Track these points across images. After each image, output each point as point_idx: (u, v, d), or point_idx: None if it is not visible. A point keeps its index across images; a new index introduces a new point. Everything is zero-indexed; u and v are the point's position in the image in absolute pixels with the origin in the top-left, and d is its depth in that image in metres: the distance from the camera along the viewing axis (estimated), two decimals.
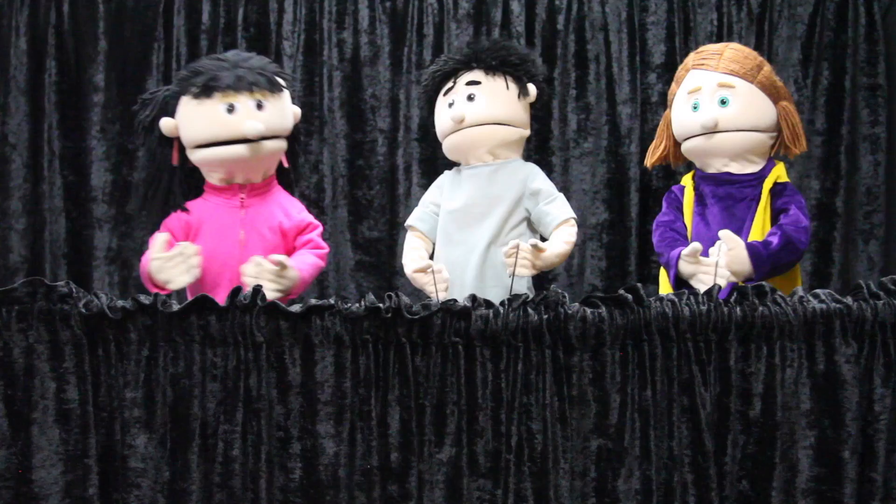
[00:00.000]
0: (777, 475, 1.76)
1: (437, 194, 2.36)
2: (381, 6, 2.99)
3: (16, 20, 2.92)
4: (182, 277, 2.04)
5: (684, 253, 2.09)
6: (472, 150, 2.27)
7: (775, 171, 2.22)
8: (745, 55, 2.23)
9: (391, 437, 1.75)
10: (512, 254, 2.10)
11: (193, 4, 2.97)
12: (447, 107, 2.27)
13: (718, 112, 2.17)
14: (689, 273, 2.10)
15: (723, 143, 2.19)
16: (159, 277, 2.05)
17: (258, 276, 2.01)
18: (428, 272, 2.12)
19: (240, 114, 2.10)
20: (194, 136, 2.14)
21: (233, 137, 2.11)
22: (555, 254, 2.17)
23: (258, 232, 2.19)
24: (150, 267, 2.06)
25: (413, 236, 2.35)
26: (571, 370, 1.75)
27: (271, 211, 2.23)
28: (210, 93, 2.09)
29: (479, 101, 2.23)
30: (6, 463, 1.74)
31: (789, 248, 2.08)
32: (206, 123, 2.11)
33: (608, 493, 1.75)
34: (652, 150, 2.42)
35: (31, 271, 2.90)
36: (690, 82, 2.24)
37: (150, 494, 1.76)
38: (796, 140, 2.22)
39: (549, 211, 2.24)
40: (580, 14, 2.97)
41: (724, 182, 2.23)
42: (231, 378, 1.76)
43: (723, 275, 2.03)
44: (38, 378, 1.74)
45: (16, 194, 2.92)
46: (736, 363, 1.76)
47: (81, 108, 2.95)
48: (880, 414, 1.76)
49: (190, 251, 2.05)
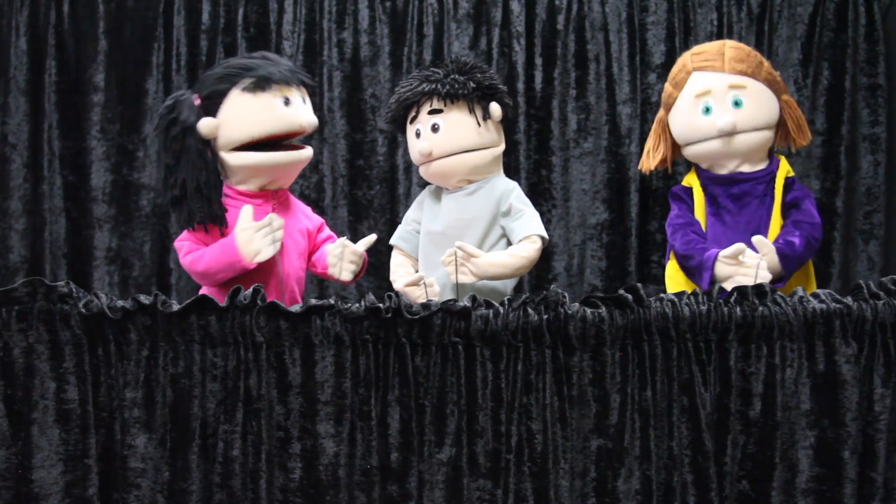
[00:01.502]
0: (777, 475, 1.76)
1: (418, 212, 2.37)
2: (381, 6, 2.99)
3: (16, 20, 2.92)
4: (271, 248, 2.06)
5: (724, 255, 2.06)
6: (445, 180, 2.28)
7: (783, 166, 2.23)
8: (746, 53, 2.22)
9: (391, 437, 1.75)
10: (450, 261, 2.10)
11: (193, 4, 2.97)
12: (415, 136, 2.27)
13: (734, 114, 2.16)
14: (727, 275, 2.07)
15: (742, 145, 2.18)
16: (248, 249, 2.04)
17: (342, 258, 2.12)
18: (420, 285, 2.11)
19: (295, 107, 2.14)
20: (248, 131, 2.10)
21: (292, 129, 2.13)
22: (491, 262, 2.13)
23: (292, 237, 2.20)
24: (238, 238, 2.05)
25: (398, 254, 2.36)
26: (571, 370, 1.75)
27: (296, 216, 2.26)
28: (268, 85, 2.09)
29: (444, 132, 2.21)
30: (6, 463, 1.74)
31: (810, 247, 2.12)
32: (266, 116, 2.09)
33: (608, 493, 1.76)
34: (649, 155, 2.39)
35: (31, 271, 2.90)
36: (697, 85, 2.21)
37: (150, 494, 1.76)
38: (801, 132, 2.22)
39: (514, 228, 2.22)
40: (580, 14, 2.97)
41: (737, 181, 2.21)
42: (231, 378, 1.76)
43: (764, 276, 2.02)
44: (38, 378, 1.74)
45: (16, 194, 2.92)
46: (736, 363, 1.76)
47: (81, 108, 2.96)
48: (880, 414, 1.76)
49: (277, 223, 2.08)
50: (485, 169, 2.27)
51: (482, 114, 2.23)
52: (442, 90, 2.18)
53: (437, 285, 2.13)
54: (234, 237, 2.06)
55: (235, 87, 2.10)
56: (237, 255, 2.05)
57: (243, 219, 2.06)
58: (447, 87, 2.18)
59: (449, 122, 2.20)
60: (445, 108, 2.20)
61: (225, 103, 2.11)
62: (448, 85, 2.19)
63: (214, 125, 2.10)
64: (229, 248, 2.06)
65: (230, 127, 2.10)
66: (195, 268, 2.13)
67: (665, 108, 2.34)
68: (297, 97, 2.15)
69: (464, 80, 2.20)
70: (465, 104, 2.21)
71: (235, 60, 2.20)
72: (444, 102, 2.20)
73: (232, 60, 2.21)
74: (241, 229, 2.05)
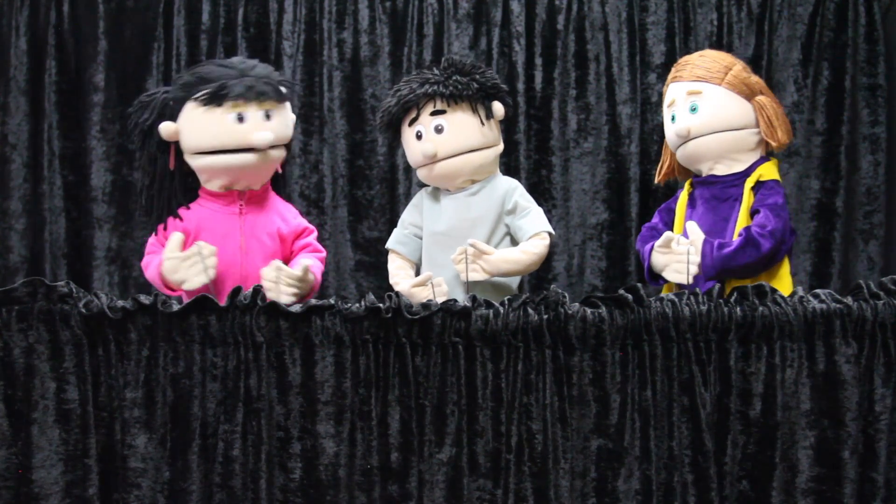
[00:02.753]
0: (777, 475, 1.76)
1: (415, 215, 2.34)
2: (381, 6, 2.99)
3: (16, 20, 2.92)
4: (198, 277, 2.01)
5: (657, 244, 2.13)
6: (449, 181, 2.26)
7: (760, 169, 2.23)
8: (713, 59, 2.27)
9: (391, 437, 1.75)
10: (461, 259, 2.10)
11: (193, 4, 2.97)
12: (415, 138, 2.24)
13: (689, 120, 2.23)
14: (662, 264, 2.13)
15: (698, 149, 2.24)
16: (174, 277, 2.02)
17: (278, 281, 2.00)
18: (428, 285, 2.10)
19: (249, 123, 2.09)
20: (200, 143, 2.11)
21: (242, 146, 2.10)
22: (504, 259, 2.14)
23: (258, 238, 2.17)
24: (163, 267, 2.04)
25: (396, 258, 2.33)
26: (571, 370, 1.75)
27: (269, 217, 2.22)
28: (220, 101, 2.07)
29: (448, 132, 2.20)
30: (6, 463, 1.74)
31: (747, 251, 2.08)
32: (215, 132, 2.09)
33: (608, 493, 1.76)
34: (658, 168, 2.50)
35: (31, 271, 2.90)
36: (668, 96, 2.32)
37: (150, 494, 1.76)
38: (773, 133, 2.23)
39: (522, 225, 2.23)
40: (580, 14, 2.97)
41: (710, 184, 2.27)
42: (231, 378, 1.76)
43: (695, 261, 2.06)
44: (38, 378, 1.74)
45: (16, 194, 2.92)
46: (736, 363, 1.76)
47: (81, 108, 2.95)
48: (880, 414, 1.76)
49: (207, 251, 2.03)
50: (487, 168, 2.27)
51: (485, 113, 2.23)
52: (446, 91, 2.18)
53: (446, 285, 2.12)
54: (161, 263, 2.06)
55: (191, 97, 2.10)
56: (164, 281, 2.06)
57: (169, 247, 2.04)
58: (451, 88, 2.18)
59: (453, 122, 2.20)
60: (449, 109, 2.20)
61: (182, 111, 2.12)
62: (451, 86, 2.18)
63: (174, 130, 2.12)
64: (154, 274, 2.09)
65: (185, 135, 2.12)
66: (145, 273, 2.15)
67: None
68: (256, 113, 2.11)
69: (466, 80, 2.20)
70: (468, 104, 2.20)
71: (203, 68, 2.18)
72: (447, 103, 2.19)
73: (200, 67, 2.19)
74: (166, 258, 2.04)
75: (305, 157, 2.97)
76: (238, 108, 2.08)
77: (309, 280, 2.08)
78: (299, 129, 2.94)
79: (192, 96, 2.10)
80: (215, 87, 2.08)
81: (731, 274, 2.10)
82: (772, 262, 2.15)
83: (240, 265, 2.13)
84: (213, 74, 2.11)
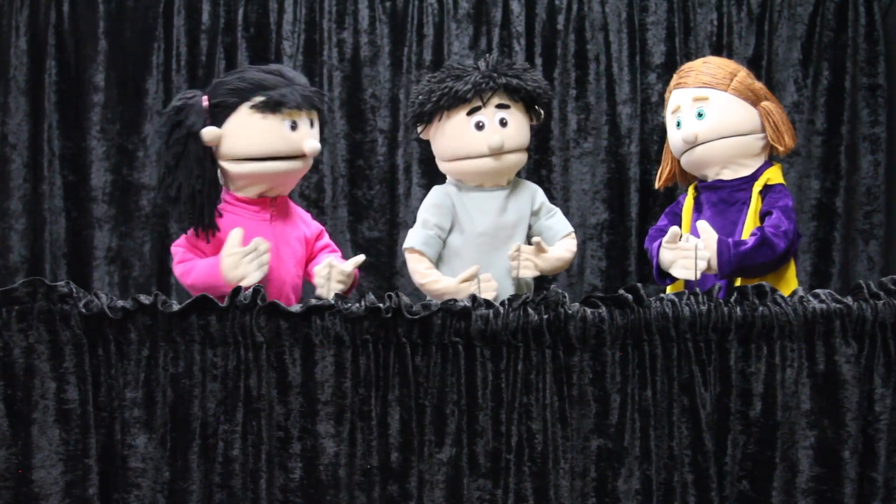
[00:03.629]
0: (777, 475, 1.76)
1: (442, 216, 2.25)
2: (381, 6, 2.99)
3: (16, 20, 2.92)
4: (257, 272, 2.03)
5: (665, 240, 2.16)
6: (499, 177, 2.26)
7: (767, 174, 2.25)
8: (717, 66, 2.29)
9: (391, 437, 1.75)
10: (515, 256, 2.16)
11: (193, 4, 2.97)
12: (474, 127, 2.19)
13: (696, 125, 2.24)
14: (669, 260, 2.14)
15: (705, 154, 2.26)
16: (234, 274, 2.01)
17: (330, 278, 2.10)
18: (474, 280, 2.09)
19: (301, 131, 2.13)
20: (250, 149, 2.10)
21: (295, 153, 2.12)
22: (557, 257, 2.22)
23: (288, 244, 2.19)
24: (224, 263, 2.02)
25: (422, 259, 2.23)
26: (571, 370, 1.75)
27: (294, 223, 2.25)
28: (278, 108, 2.08)
29: (512, 128, 2.21)
30: (6, 463, 1.74)
31: (763, 250, 2.09)
32: (269, 139, 2.09)
33: (608, 493, 1.76)
34: (659, 173, 2.51)
35: (31, 271, 2.90)
36: (672, 102, 2.33)
37: (150, 494, 1.76)
38: (780, 138, 2.24)
39: (551, 225, 2.29)
40: (580, 14, 2.97)
41: (717, 188, 2.28)
42: (231, 378, 1.76)
43: (703, 256, 2.07)
44: (38, 378, 1.74)
45: (16, 194, 2.92)
46: (736, 363, 1.76)
47: (81, 108, 2.95)
48: (880, 414, 1.76)
49: (263, 247, 2.05)
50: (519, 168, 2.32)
51: (533, 116, 2.28)
52: (521, 87, 2.20)
53: (494, 280, 2.13)
54: (220, 261, 2.04)
55: (246, 102, 2.09)
56: (221, 280, 2.03)
57: (230, 243, 2.04)
58: (526, 86, 2.20)
59: (515, 119, 2.21)
60: (512, 105, 2.21)
61: (232, 116, 2.10)
62: (525, 83, 2.20)
63: (218, 135, 2.09)
64: (214, 271, 2.05)
65: (233, 140, 2.10)
66: (184, 280, 2.13)
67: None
68: (306, 121, 2.14)
69: (533, 82, 2.23)
70: (523, 105, 2.23)
71: (252, 74, 2.16)
72: (511, 99, 2.21)
73: (248, 73, 2.17)
74: (227, 254, 2.03)
75: None
76: (293, 117, 2.11)
77: (353, 276, 2.18)
78: None
79: (247, 102, 2.09)
80: (275, 94, 2.08)
81: (745, 273, 2.11)
82: (782, 263, 2.16)
83: (276, 271, 2.13)
84: (267, 82, 2.11)
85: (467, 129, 2.20)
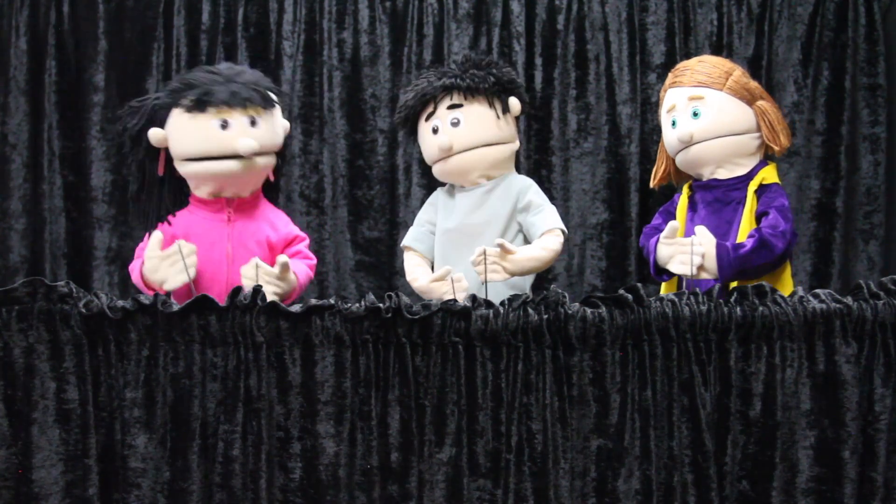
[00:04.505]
0: (777, 475, 1.76)
1: (431, 213, 2.33)
2: (381, 6, 2.99)
3: (16, 20, 2.92)
4: (179, 276, 2.01)
5: (663, 235, 2.14)
6: (464, 176, 2.26)
7: (762, 173, 2.24)
8: (713, 65, 2.28)
9: (391, 437, 1.75)
10: (480, 260, 2.03)
11: (193, 4, 2.97)
12: (431, 132, 2.24)
13: (691, 125, 2.23)
14: (667, 255, 2.14)
15: (701, 154, 2.25)
16: (154, 277, 2.02)
17: (256, 279, 2.00)
18: (447, 280, 2.08)
19: (234, 130, 2.08)
20: (185, 150, 2.11)
21: (225, 153, 2.09)
22: (528, 257, 2.10)
23: (245, 246, 2.16)
24: (145, 267, 2.04)
25: (413, 255, 2.31)
26: (571, 370, 1.75)
27: (258, 225, 2.20)
28: (203, 107, 2.06)
29: (465, 126, 2.19)
30: (6, 463, 1.74)
31: (762, 252, 2.09)
32: (199, 138, 2.08)
33: (608, 493, 1.76)
34: (654, 172, 2.50)
35: (31, 271, 2.90)
36: (667, 102, 2.32)
37: (150, 494, 1.76)
38: (775, 138, 2.24)
39: (535, 222, 2.21)
40: (580, 14, 2.97)
41: (712, 187, 2.27)
42: (231, 378, 1.76)
43: (698, 252, 2.06)
44: (38, 378, 1.74)
45: (16, 194, 2.92)
46: (736, 363, 1.76)
47: (81, 108, 2.95)
48: (880, 414, 1.76)
49: (186, 250, 2.02)
50: (502, 165, 2.26)
51: (502, 108, 2.22)
52: (463, 84, 2.17)
53: (465, 280, 2.10)
54: (142, 264, 2.05)
55: (177, 104, 2.10)
56: (146, 282, 2.05)
57: (150, 246, 2.04)
58: (468, 81, 2.18)
59: (469, 116, 2.19)
60: (465, 103, 2.19)
61: (170, 118, 2.12)
62: (469, 79, 2.18)
63: (163, 136, 2.12)
64: (137, 275, 2.08)
65: (172, 141, 2.13)
66: (132, 277, 2.14)
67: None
68: (241, 120, 2.10)
69: (483, 74, 2.20)
70: (484, 98, 2.20)
71: (189, 74, 2.18)
72: (464, 97, 2.19)
73: (188, 73, 2.20)
74: (147, 257, 2.04)
75: (305, 157, 2.97)
76: (222, 115, 2.08)
77: (290, 279, 2.08)
78: (299, 129, 2.95)
79: (178, 102, 2.10)
80: (199, 92, 2.07)
81: (744, 276, 2.09)
82: (781, 263, 2.16)
83: (227, 272, 2.12)
84: (198, 80, 2.11)
85: (427, 134, 2.26)
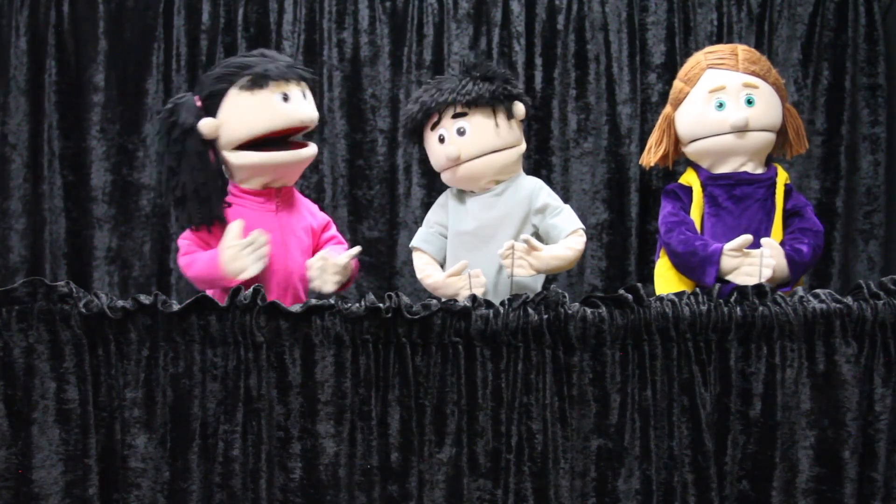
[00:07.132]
0: (777, 475, 1.76)
1: (441, 214, 2.34)
2: (381, 6, 2.99)
3: (16, 20, 2.92)
4: (256, 265, 2.03)
5: (729, 247, 2.09)
6: (474, 182, 2.27)
7: (782, 173, 2.25)
8: (758, 56, 2.26)
9: (391, 437, 1.75)
10: (508, 254, 2.10)
11: (193, 4, 2.97)
12: (438, 141, 2.25)
13: (747, 111, 2.19)
14: (732, 267, 2.09)
15: (753, 142, 2.21)
16: (233, 266, 2.02)
17: (324, 270, 2.10)
18: (464, 275, 2.10)
19: (294, 102, 2.14)
20: (247, 130, 2.11)
21: (292, 125, 2.13)
22: (553, 255, 2.14)
23: (295, 235, 2.20)
24: (223, 256, 2.03)
25: (422, 255, 2.31)
26: (571, 370, 1.75)
27: (301, 213, 2.25)
28: (266, 82, 2.09)
29: (471, 135, 2.21)
30: (6, 463, 1.74)
31: (815, 256, 2.15)
32: (265, 113, 2.10)
33: (608, 493, 1.76)
34: (651, 150, 2.40)
35: (31, 271, 2.90)
36: (711, 81, 2.23)
37: (150, 494, 1.76)
38: (799, 139, 2.25)
39: (557, 224, 2.23)
40: (580, 14, 2.97)
41: (741, 182, 2.23)
42: (231, 378, 1.76)
43: (767, 267, 2.05)
44: (38, 378, 1.74)
45: (16, 194, 2.92)
46: (736, 363, 1.76)
47: (81, 108, 2.95)
48: (880, 414, 1.76)
49: (262, 239, 2.05)
50: (510, 168, 2.27)
51: (506, 114, 2.24)
52: (462, 99, 2.19)
53: (484, 276, 2.13)
54: (220, 253, 2.05)
55: (233, 86, 2.10)
56: (221, 272, 2.04)
57: (229, 235, 2.05)
58: (468, 95, 2.19)
59: (474, 125, 2.21)
60: (470, 111, 2.21)
61: (224, 103, 2.11)
62: (470, 92, 2.19)
63: (215, 125, 2.10)
64: (214, 264, 2.06)
65: (230, 126, 2.11)
66: (187, 272, 2.14)
67: (673, 105, 2.34)
68: (297, 92, 2.15)
69: (484, 84, 2.21)
70: (488, 106, 2.21)
71: (233, 59, 2.20)
72: (467, 106, 2.20)
73: (230, 59, 2.21)
74: (226, 247, 2.04)
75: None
76: (282, 89, 2.12)
77: (350, 268, 2.16)
78: None
79: (233, 83, 2.10)
80: (258, 70, 2.10)
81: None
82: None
83: (282, 261, 2.14)
84: (249, 62, 2.14)
85: (433, 143, 2.27)
